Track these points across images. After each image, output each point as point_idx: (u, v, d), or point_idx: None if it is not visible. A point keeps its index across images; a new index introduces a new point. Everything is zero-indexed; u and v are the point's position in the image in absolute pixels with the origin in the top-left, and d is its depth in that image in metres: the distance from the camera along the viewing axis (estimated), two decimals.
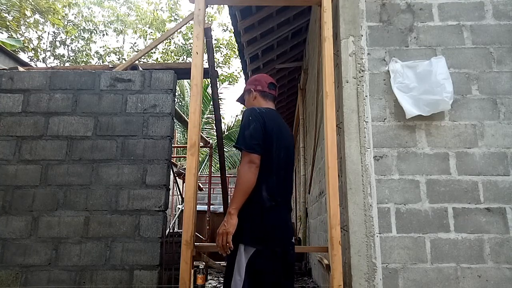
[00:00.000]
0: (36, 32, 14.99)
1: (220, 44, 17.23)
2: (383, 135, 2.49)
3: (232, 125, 16.85)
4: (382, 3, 2.70)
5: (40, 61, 16.28)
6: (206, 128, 15.05)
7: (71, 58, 17.73)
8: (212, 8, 16.99)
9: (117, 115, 2.73)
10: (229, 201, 4.71)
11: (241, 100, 2.30)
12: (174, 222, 6.91)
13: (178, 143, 12.86)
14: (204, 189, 7.63)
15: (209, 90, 11.06)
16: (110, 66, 3.23)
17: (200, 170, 13.67)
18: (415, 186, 2.41)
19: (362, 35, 2.64)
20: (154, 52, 16.39)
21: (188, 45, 16.59)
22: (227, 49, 17.40)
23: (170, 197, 7.98)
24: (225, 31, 17.70)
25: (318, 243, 4.52)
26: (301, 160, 6.38)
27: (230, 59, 17.51)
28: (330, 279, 2.28)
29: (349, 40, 2.62)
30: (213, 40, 3.40)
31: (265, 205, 1.83)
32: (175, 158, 10.10)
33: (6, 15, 12.23)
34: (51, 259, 2.48)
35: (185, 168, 6.91)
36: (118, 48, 18.69)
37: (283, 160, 1.93)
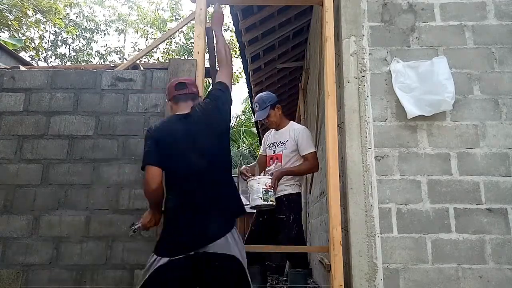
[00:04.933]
0: (38, 32, 15.00)
1: None
2: (384, 135, 2.49)
3: (233, 125, 16.85)
4: (383, 3, 2.70)
5: (42, 60, 16.30)
6: None
7: (72, 57, 17.75)
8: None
9: (118, 115, 2.72)
10: None
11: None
12: None
13: None
14: None
15: None
16: (111, 65, 3.22)
17: None
18: (416, 186, 2.41)
19: (363, 35, 2.63)
20: (155, 52, 16.38)
21: (189, 45, 16.57)
22: None
23: None
24: (226, 31, 17.66)
25: (319, 243, 4.53)
26: None
27: None
28: (331, 279, 2.28)
29: (351, 40, 2.62)
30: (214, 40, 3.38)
31: (169, 216, 1.90)
32: None
33: (8, 14, 12.25)
34: (52, 258, 2.48)
35: None
36: (119, 47, 18.72)
37: (183, 168, 1.91)
